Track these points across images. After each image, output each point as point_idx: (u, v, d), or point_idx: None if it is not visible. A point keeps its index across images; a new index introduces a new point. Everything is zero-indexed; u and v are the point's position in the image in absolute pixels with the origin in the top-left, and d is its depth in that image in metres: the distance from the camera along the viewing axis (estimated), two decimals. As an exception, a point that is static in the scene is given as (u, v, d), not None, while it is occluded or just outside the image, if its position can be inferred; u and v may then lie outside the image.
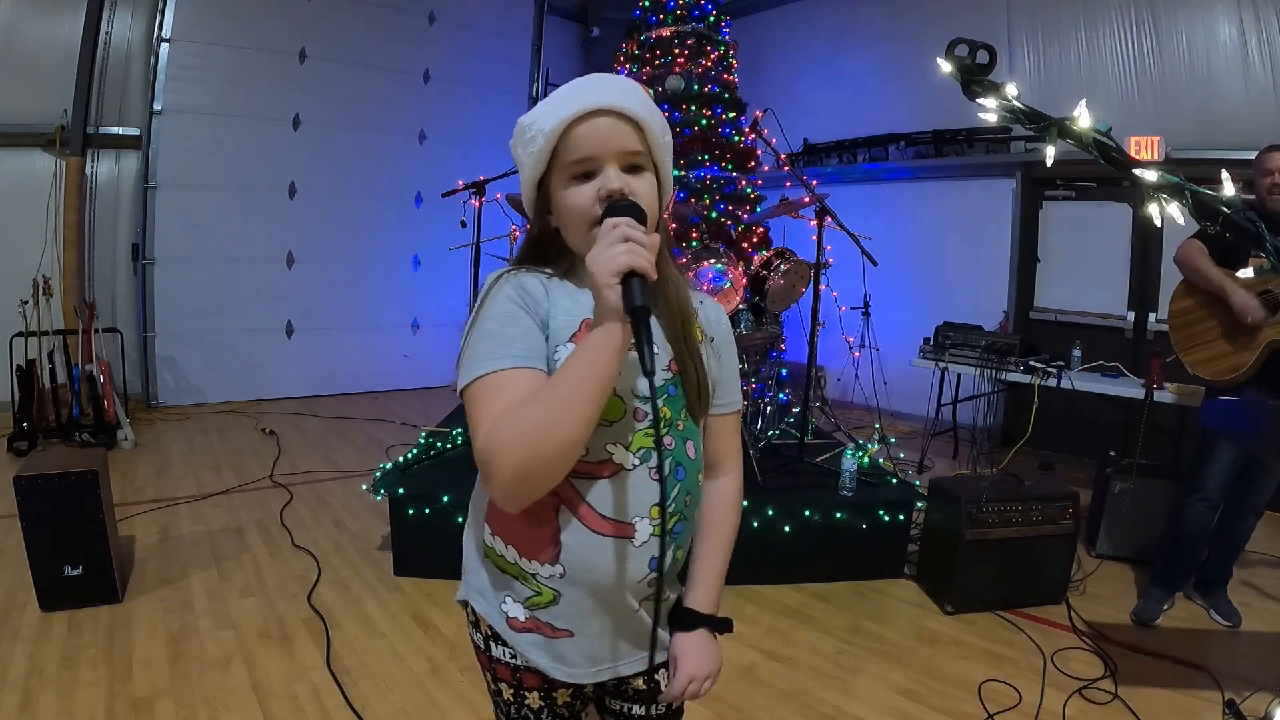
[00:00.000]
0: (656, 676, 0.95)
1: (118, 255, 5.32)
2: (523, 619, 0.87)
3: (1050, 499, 2.65)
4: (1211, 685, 2.17)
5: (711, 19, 4.47)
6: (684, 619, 0.92)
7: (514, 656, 0.90)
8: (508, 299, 0.81)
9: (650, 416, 0.80)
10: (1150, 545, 3.00)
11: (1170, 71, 4.47)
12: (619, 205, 0.77)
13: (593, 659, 0.88)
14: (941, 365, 4.26)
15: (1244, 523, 2.53)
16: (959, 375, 4.52)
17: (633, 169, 0.82)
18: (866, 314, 5.16)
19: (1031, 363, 3.84)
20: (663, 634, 0.91)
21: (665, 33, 4.40)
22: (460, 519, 2.82)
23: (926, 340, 4.43)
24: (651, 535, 0.83)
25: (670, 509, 0.83)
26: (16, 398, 4.17)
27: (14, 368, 4.20)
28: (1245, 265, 2.37)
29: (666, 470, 0.82)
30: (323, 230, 5.93)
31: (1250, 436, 2.40)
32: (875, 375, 4.70)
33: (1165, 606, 2.61)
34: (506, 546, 0.86)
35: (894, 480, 3.10)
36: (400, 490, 2.72)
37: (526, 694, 0.92)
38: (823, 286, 3.33)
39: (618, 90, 0.81)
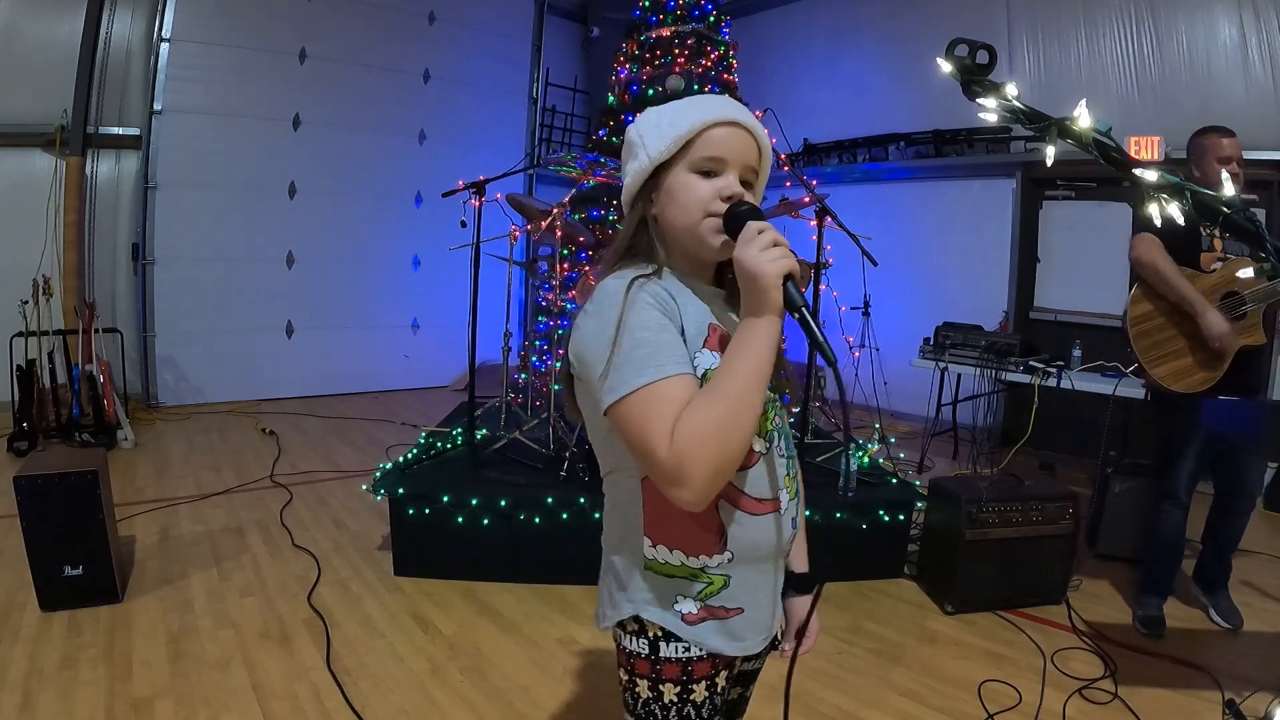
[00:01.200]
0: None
1: (118, 255, 5.33)
2: (696, 611, 0.91)
3: (1050, 499, 2.65)
4: (1211, 685, 2.17)
5: (711, 19, 4.47)
6: (804, 581, 1.06)
7: (686, 650, 0.92)
8: (650, 306, 0.83)
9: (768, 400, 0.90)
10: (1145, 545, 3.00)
11: (1170, 71, 4.47)
12: (746, 209, 0.85)
13: (761, 628, 0.96)
14: (941, 365, 4.26)
15: (1236, 522, 2.52)
16: (959, 375, 4.52)
17: (747, 184, 0.91)
18: (866, 314, 5.16)
19: (1031, 363, 3.84)
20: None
21: (665, 33, 4.40)
22: (460, 519, 2.83)
23: (926, 340, 4.43)
24: (789, 501, 0.94)
25: (792, 474, 0.96)
26: (16, 398, 4.17)
27: (14, 368, 4.20)
28: (1196, 260, 2.34)
29: (784, 446, 0.95)
30: (323, 230, 5.94)
31: (1250, 436, 2.42)
32: (875, 375, 4.70)
33: (1163, 614, 2.60)
34: (672, 552, 0.89)
35: (894, 480, 3.10)
36: (400, 490, 2.72)
37: (694, 687, 0.93)
38: (823, 286, 3.33)
39: (751, 117, 0.91)
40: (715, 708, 0.96)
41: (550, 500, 2.70)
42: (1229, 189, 1.00)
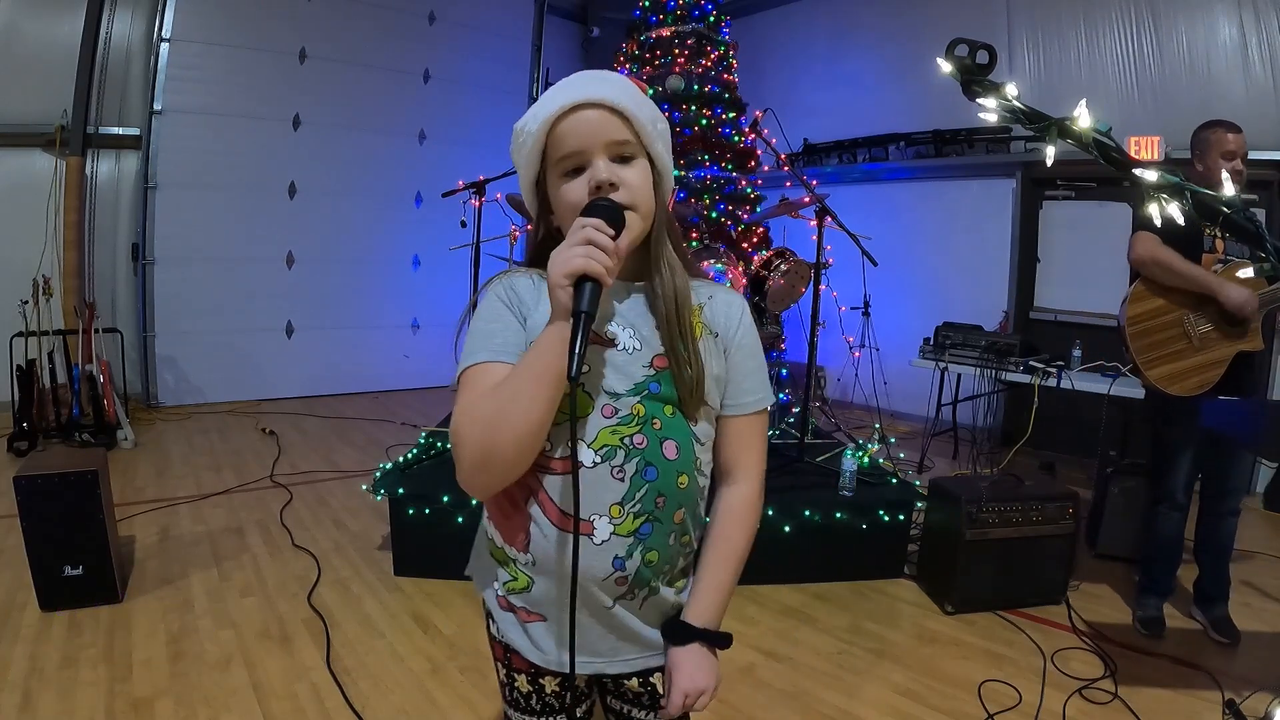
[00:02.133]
0: (653, 680, 0.94)
1: (118, 255, 5.32)
2: (504, 599, 0.91)
3: (1050, 499, 2.65)
4: (1211, 685, 2.17)
5: (711, 19, 4.46)
6: (678, 632, 0.88)
7: (502, 636, 0.93)
8: (495, 298, 0.86)
9: (619, 414, 0.82)
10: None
11: (1170, 71, 4.47)
12: (597, 205, 0.78)
13: (558, 647, 0.87)
14: (941, 365, 4.26)
15: (1224, 526, 2.48)
16: (959, 375, 4.52)
17: (623, 159, 0.82)
18: (866, 314, 5.16)
19: (1031, 363, 3.84)
20: (652, 635, 0.90)
21: (665, 33, 4.40)
22: (460, 519, 2.83)
23: (926, 340, 4.43)
24: (613, 534, 0.82)
25: (636, 509, 0.82)
26: (16, 398, 4.17)
27: (14, 368, 4.20)
28: (1197, 261, 2.31)
29: (633, 470, 0.81)
30: (323, 230, 5.94)
31: (1250, 436, 2.41)
32: (875, 375, 4.70)
33: (1163, 614, 2.60)
34: (495, 531, 0.90)
35: (894, 480, 3.10)
36: (400, 490, 2.72)
37: (515, 675, 0.95)
38: (823, 286, 3.33)
39: (598, 83, 0.81)
40: (550, 707, 0.95)
41: (550, 500, 2.70)
42: (1229, 188, 1.00)
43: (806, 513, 2.77)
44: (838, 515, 2.80)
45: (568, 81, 0.83)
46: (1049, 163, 1.02)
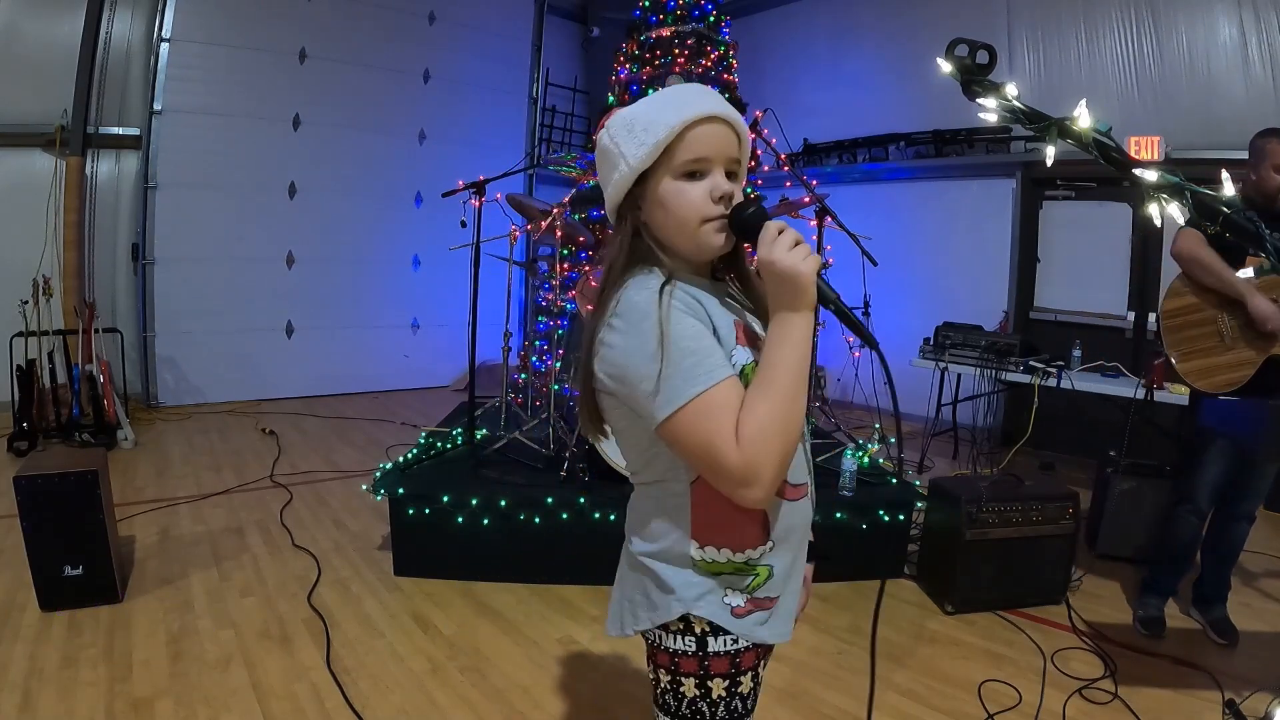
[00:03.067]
0: None
1: (118, 255, 5.33)
2: (744, 604, 0.92)
3: (1050, 499, 2.65)
4: (1211, 685, 2.17)
5: (711, 19, 4.46)
6: (810, 550, 1.04)
7: (735, 642, 0.93)
8: (684, 314, 0.83)
9: None
10: (1149, 546, 2.99)
11: (1170, 71, 4.47)
12: (755, 211, 0.86)
13: (793, 612, 0.98)
14: (941, 365, 4.26)
15: (1237, 529, 2.48)
16: (959, 375, 4.52)
17: (731, 175, 0.89)
18: (866, 314, 5.15)
19: (1031, 363, 3.84)
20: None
21: (665, 33, 4.39)
22: (460, 519, 2.82)
23: (926, 340, 4.43)
24: (810, 485, 0.97)
25: (809, 459, 0.98)
26: (16, 398, 4.17)
27: (14, 368, 4.20)
28: (1243, 264, 2.29)
29: (806, 433, 0.96)
30: (323, 230, 5.94)
31: (1250, 436, 2.40)
32: (875, 375, 4.69)
33: (1164, 615, 2.59)
34: (720, 550, 0.90)
35: (894, 480, 3.09)
36: (400, 490, 2.72)
37: (741, 679, 0.95)
38: (823, 286, 3.32)
39: (724, 103, 0.89)
40: (756, 698, 1.00)
41: (550, 500, 2.70)
42: (1229, 188, 1.00)
43: (806, 513, 2.76)
44: (838, 515, 2.80)
45: (699, 91, 0.90)
46: (1049, 163, 1.02)
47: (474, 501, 2.69)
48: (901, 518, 2.90)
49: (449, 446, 3.28)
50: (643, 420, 0.84)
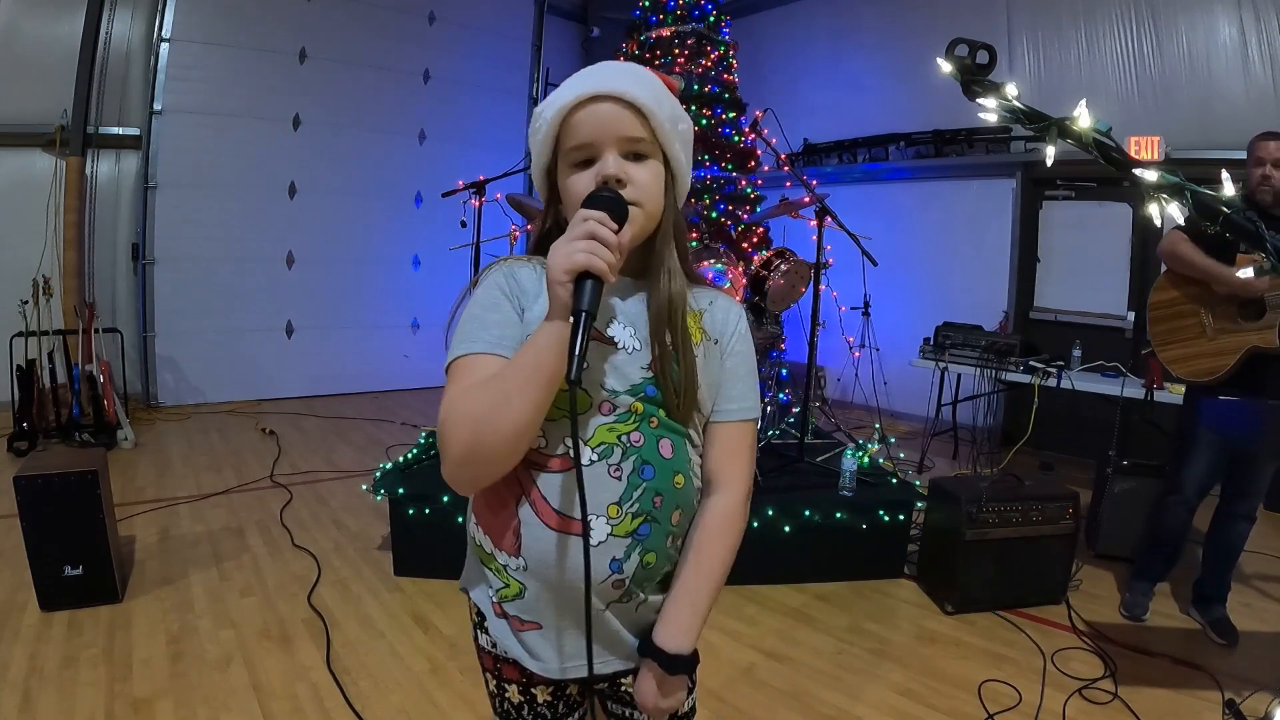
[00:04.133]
0: None
1: (118, 255, 5.32)
2: (499, 605, 0.87)
3: (1050, 499, 2.65)
4: (1211, 685, 2.17)
5: (711, 19, 4.47)
6: (644, 649, 0.85)
7: (494, 645, 0.90)
8: (495, 286, 0.83)
9: (616, 411, 0.80)
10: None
11: (1170, 71, 4.47)
12: (600, 197, 0.75)
13: (562, 655, 0.85)
14: (941, 365, 4.26)
15: (1236, 528, 2.49)
16: (959, 375, 4.52)
17: (635, 156, 0.80)
18: (866, 314, 5.16)
19: (1031, 363, 3.84)
20: (631, 641, 0.86)
21: (665, 33, 4.40)
22: (460, 519, 2.82)
23: (926, 340, 4.43)
24: (610, 535, 0.79)
25: (634, 508, 0.79)
26: (16, 398, 4.17)
27: (14, 368, 4.20)
28: (1232, 262, 2.33)
29: (630, 468, 0.79)
30: (323, 230, 5.94)
31: (1240, 434, 2.41)
32: (875, 375, 4.70)
33: (1149, 600, 2.64)
34: (484, 536, 0.86)
35: (894, 480, 3.10)
36: (400, 490, 2.72)
37: (506, 686, 0.92)
38: (823, 286, 3.33)
39: (619, 75, 0.79)
40: (543, 717, 0.92)
41: (550, 500, 2.69)
42: (1229, 189, 1.00)
43: (806, 513, 2.77)
44: (838, 515, 2.80)
45: (590, 70, 0.81)
46: (1049, 163, 1.02)
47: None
48: (901, 518, 2.90)
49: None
50: None
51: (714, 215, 4.12)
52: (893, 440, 4.01)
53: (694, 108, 4.22)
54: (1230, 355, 2.32)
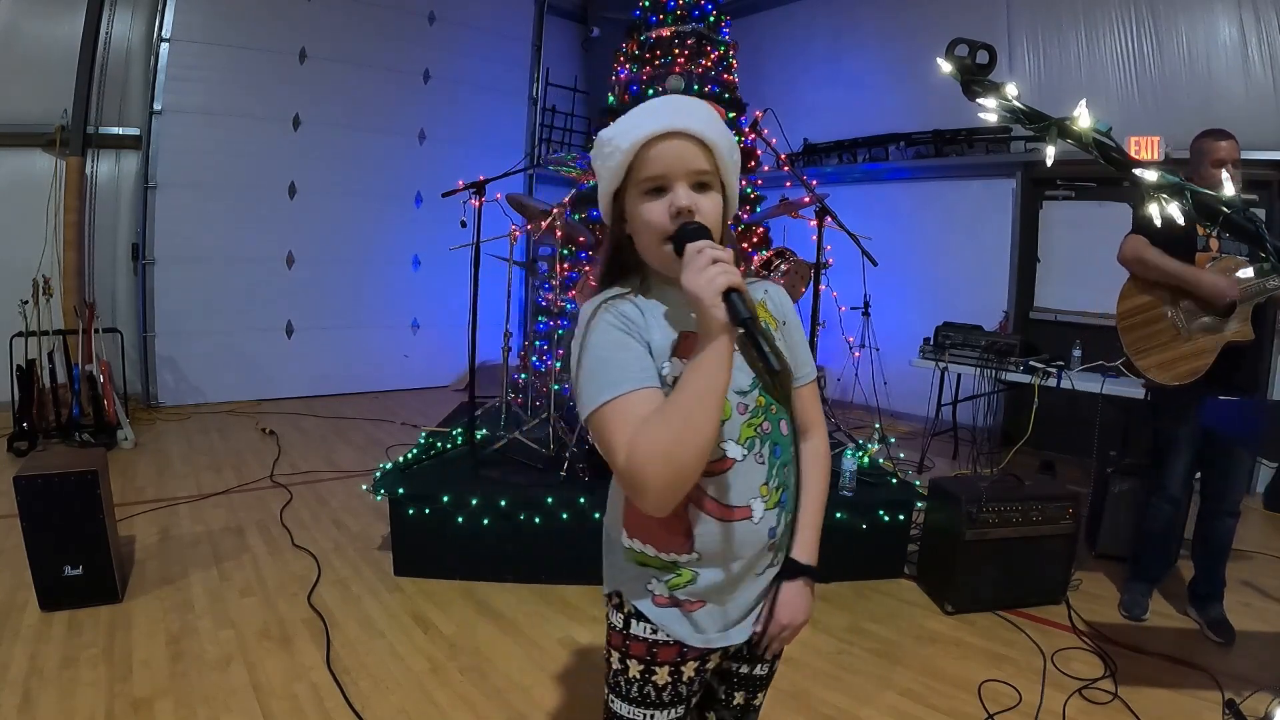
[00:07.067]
0: (754, 631, 1.03)
1: (118, 255, 5.32)
2: (666, 596, 0.97)
3: (1050, 499, 2.65)
4: (1211, 685, 2.17)
5: (711, 19, 4.46)
6: (786, 568, 1.02)
7: (654, 632, 0.98)
8: (612, 327, 0.89)
9: (749, 409, 0.93)
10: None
11: (1170, 71, 4.47)
12: (691, 229, 0.84)
13: (724, 623, 0.98)
14: (941, 365, 4.26)
15: (1221, 524, 2.49)
16: (959, 375, 4.52)
17: (701, 187, 0.88)
18: (866, 314, 5.16)
19: (1031, 363, 3.84)
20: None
21: (665, 33, 4.40)
22: (460, 519, 2.83)
23: (926, 340, 4.43)
24: (765, 510, 0.95)
25: (775, 483, 0.96)
26: (16, 398, 4.17)
27: (14, 368, 4.20)
28: (1191, 260, 2.35)
29: (768, 452, 0.95)
30: (323, 230, 5.94)
31: (1250, 437, 2.41)
32: (875, 375, 4.70)
33: (1148, 600, 2.65)
34: (645, 545, 0.97)
35: (894, 480, 3.10)
36: (400, 490, 2.72)
37: (656, 669, 1.00)
38: (823, 286, 3.33)
39: (689, 113, 0.88)
40: (679, 695, 1.01)
41: (550, 500, 2.70)
42: (1229, 189, 1.00)
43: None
44: (838, 515, 2.80)
45: (658, 105, 0.89)
46: (1049, 163, 1.02)
47: (474, 501, 2.69)
48: (901, 518, 2.90)
49: (449, 446, 3.28)
50: None
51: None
52: (893, 440, 4.01)
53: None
54: (1210, 354, 2.32)
